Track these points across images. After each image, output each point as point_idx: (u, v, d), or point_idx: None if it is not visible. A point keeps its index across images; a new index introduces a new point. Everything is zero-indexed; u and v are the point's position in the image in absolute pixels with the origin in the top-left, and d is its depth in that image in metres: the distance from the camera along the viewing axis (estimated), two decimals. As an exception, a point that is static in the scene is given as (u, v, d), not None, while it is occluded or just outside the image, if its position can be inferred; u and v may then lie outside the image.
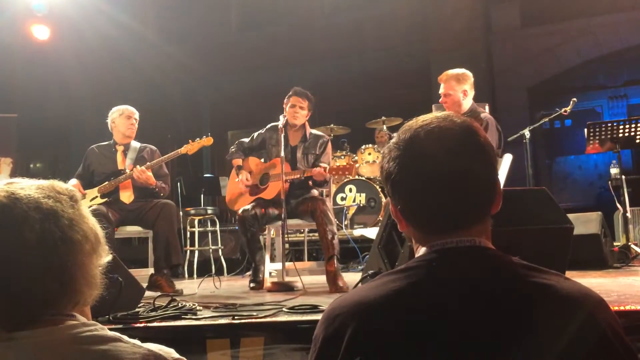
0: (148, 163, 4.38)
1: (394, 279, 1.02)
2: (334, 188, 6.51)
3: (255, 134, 4.56)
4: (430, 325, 0.95)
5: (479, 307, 0.96)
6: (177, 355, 1.04)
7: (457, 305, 0.96)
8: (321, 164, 4.27)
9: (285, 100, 4.37)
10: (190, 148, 4.48)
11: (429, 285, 1.00)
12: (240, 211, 4.24)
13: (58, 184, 1.08)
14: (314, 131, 4.51)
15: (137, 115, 4.55)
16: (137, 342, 1.02)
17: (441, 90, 4.32)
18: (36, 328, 0.98)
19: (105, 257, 1.09)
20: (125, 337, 1.02)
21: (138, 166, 4.31)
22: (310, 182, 4.30)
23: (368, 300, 1.00)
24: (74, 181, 4.41)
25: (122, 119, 4.49)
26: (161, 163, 4.47)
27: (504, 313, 0.95)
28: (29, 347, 0.96)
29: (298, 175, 4.14)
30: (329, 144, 4.46)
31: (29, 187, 1.03)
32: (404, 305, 0.98)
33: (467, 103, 4.29)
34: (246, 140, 4.58)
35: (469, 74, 4.32)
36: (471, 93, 4.30)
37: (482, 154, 1.06)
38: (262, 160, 4.51)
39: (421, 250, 1.08)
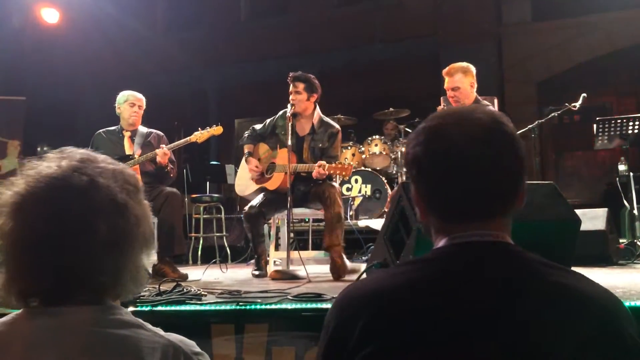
0: (170, 145, 4.42)
1: (410, 269, 1.01)
2: (339, 179, 6.49)
3: (268, 120, 4.55)
4: (445, 318, 0.94)
5: (496, 303, 0.95)
6: (197, 349, 1.03)
7: (474, 300, 0.95)
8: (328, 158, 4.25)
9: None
10: (200, 136, 4.49)
11: (446, 277, 0.98)
12: (246, 208, 4.27)
13: (128, 172, 1.07)
14: (326, 119, 4.42)
15: (143, 102, 4.51)
16: (159, 330, 1.01)
17: (447, 85, 4.30)
18: (66, 306, 0.98)
19: (152, 254, 1.09)
20: (147, 325, 1.01)
21: (163, 146, 4.33)
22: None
23: (383, 289, 0.99)
24: None
25: (126, 105, 4.47)
26: (175, 148, 4.49)
27: (522, 310, 0.94)
28: (52, 323, 0.96)
29: (301, 169, 4.13)
30: (339, 135, 4.41)
31: (106, 175, 1.02)
32: (420, 296, 0.96)
33: (473, 95, 4.30)
34: (259, 126, 4.58)
35: (472, 66, 4.33)
36: (475, 85, 4.32)
37: (510, 145, 1.04)
38: (271, 148, 4.50)
39: (441, 242, 1.06)
